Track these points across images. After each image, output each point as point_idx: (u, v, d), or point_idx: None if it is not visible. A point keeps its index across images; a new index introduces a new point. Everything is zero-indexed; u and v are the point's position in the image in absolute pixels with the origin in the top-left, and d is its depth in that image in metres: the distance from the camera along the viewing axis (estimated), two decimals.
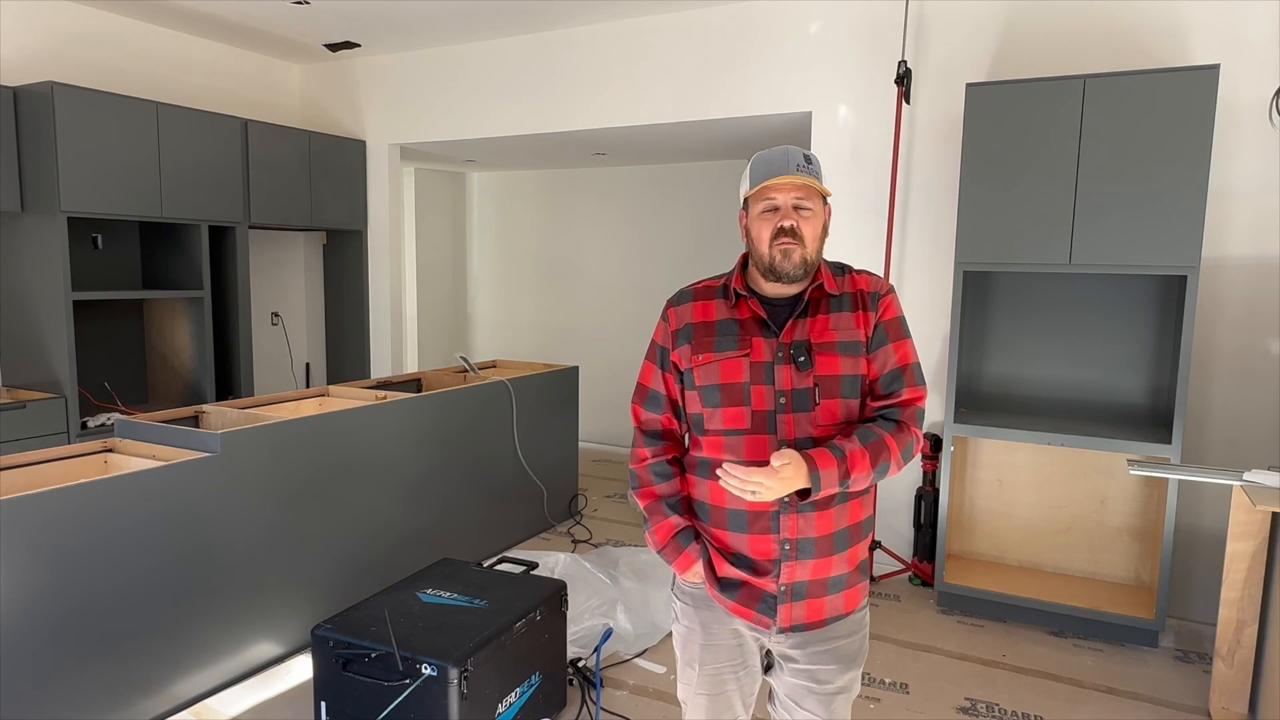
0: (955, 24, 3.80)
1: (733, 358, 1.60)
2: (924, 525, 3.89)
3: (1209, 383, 3.46)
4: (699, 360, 1.63)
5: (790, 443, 1.55)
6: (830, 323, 1.59)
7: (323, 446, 3.26)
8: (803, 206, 1.57)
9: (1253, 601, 2.74)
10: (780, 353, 1.57)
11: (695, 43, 4.41)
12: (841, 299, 1.62)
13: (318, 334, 5.98)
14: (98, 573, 2.48)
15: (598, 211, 6.72)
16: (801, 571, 1.59)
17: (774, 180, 1.56)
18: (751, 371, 1.58)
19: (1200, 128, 3.02)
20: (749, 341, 1.59)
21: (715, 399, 1.61)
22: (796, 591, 1.60)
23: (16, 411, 3.81)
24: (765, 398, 1.57)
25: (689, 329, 1.66)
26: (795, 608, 1.61)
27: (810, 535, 1.58)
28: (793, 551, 1.58)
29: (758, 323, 1.61)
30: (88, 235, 4.35)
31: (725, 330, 1.62)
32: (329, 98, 5.67)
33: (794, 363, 1.56)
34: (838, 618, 1.64)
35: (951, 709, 2.87)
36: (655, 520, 1.71)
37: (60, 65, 4.33)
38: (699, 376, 1.63)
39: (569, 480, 4.90)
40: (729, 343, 1.61)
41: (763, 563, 1.60)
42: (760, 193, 1.59)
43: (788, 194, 1.57)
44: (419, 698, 2.29)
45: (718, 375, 1.60)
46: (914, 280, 3.98)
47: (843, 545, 1.61)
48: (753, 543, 1.60)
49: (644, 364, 1.76)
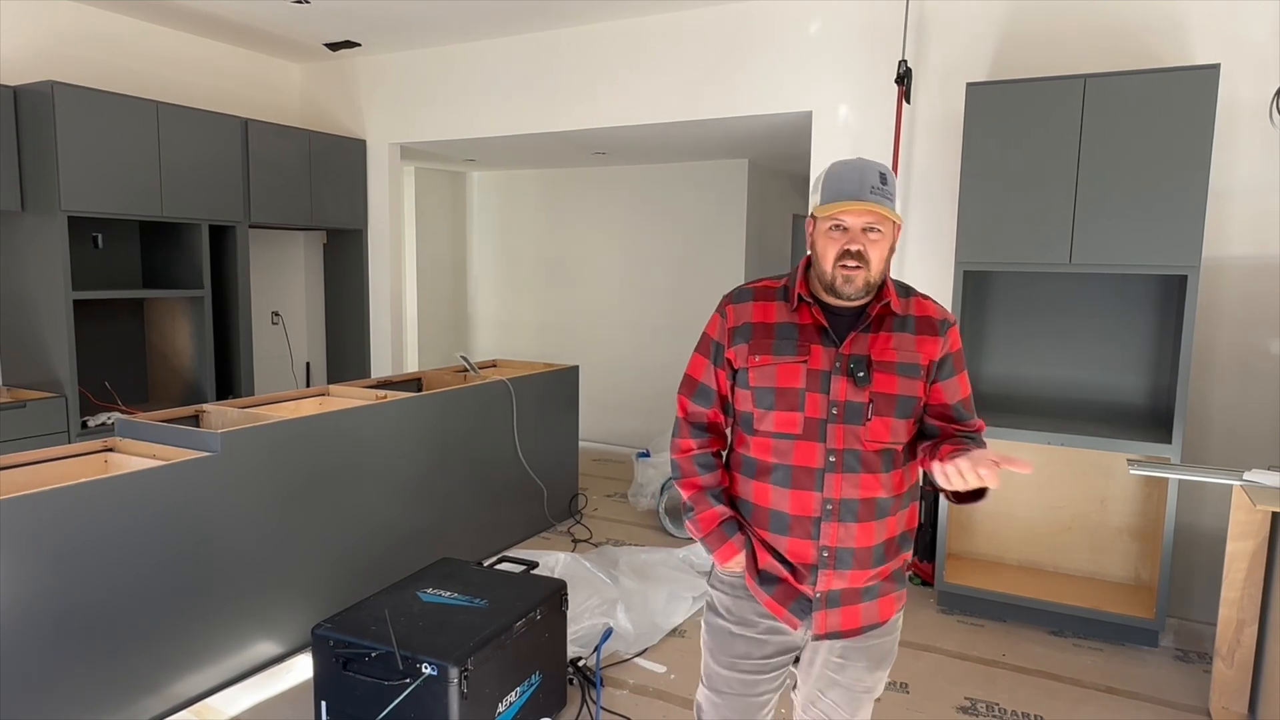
0: (955, 24, 3.80)
1: (791, 362, 1.59)
2: (924, 525, 3.89)
3: (1209, 382, 3.46)
4: (755, 361, 1.62)
5: (838, 451, 1.56)
6: (893, 341, 1.59)
7: (323, 446, 3.26)
8: (872, 229, 1.54)
9: (1253, 601, 2.74)
10: (838, 363, 1.57)
11: (696, 42, 4.41)
12: (906, 320, 1.62)
13: (318, 333, 5.98)
14: (98, 572, 2.48)
15: (598, 211, 6.72)
16: (838, 581, 1.60)
17: (846, 204, 1.53)
18: (808, 378, 1.58)
19: (1200, 127, 3.02)
20: (808, 348, 1.59)
21: (769, 401, 1.60)
22: (831, 599, 1.61)
23: (17, 411, 3.81)
24: (819, 406, 1.57)
25: (748, 328, 1.65)
26: (830, 615, 1.62)
27: (850, 545, 1.58)
28: (830, 560, 1.59)
29: (818, 330, 1.60)
30: (88, 234, 4.35)
31: (784, 334, 1.61)
32: (329, 97, 5.67)
33: (852, 376, 1.56)
34: (873, 626, 1.65)
35: (951, 708, 2.87)
36: (700, 509, 1.70)
37: (60, 64, 4.33)
38: (754, 377, 1.62)
39: (569, 480, 4.90)
40: (788, 347, 1.60)
41: (800, 567, 1.61)
42: (830, 212, 1.55)
43: (859, 217, 1.54)
44: (419, 697, 2.29)
45: (774, 378, 1.60)
46: (914, 280, 3.96)
47: (880, 560, 1.61)
48: (792, 546, 1.61)
49: (694, 356, 1.75)
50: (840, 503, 1.57)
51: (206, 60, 5.10)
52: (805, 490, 1.58)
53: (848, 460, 1.56)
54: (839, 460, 1.56)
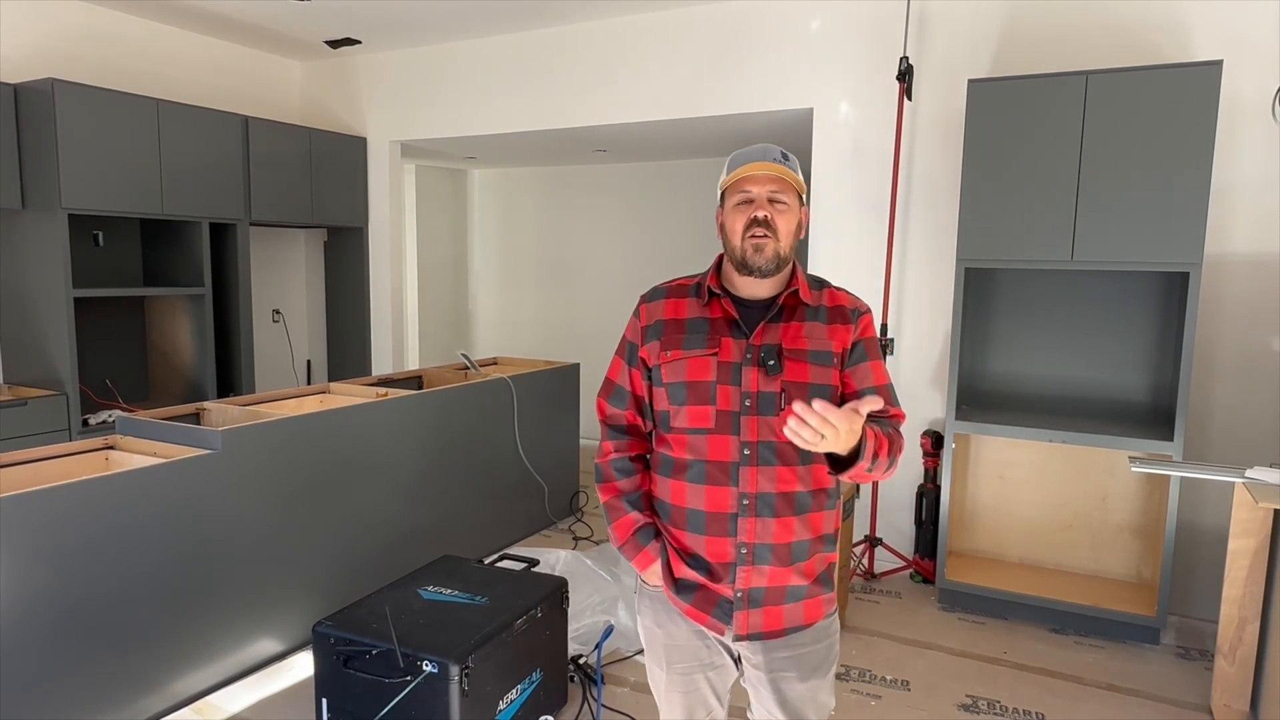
0: (957, 20, 3.79)
1: (700, 356, 1.58)
2: (925, 522, 3.89)
3: (1211, 380, 3.45)
4: (667, 357, 1.62)
5: (752, 444, 1.54)
6: (804, 330, 1.58)
7: (324, 444, 3.26)
8: (778, 200, 1.56)
9: (1254, 599, 2.74)
10: (749, 354, 1.56)
11: (697, 39, 4.40)
12: (818, 310, 1.61)
13: (319, 331, 5.98)
14: (99, 570, 2.49)
15: (599, 208, 6.71)
16: (758, 578, 1.57)
17: (751, 169, 1.55)
18: (719, 371, 1.57)
19: (1203, 124, 3.01)
20: (718, 341, 1.58)
21: (681, 396, 1.59)
22: (753, 598, 1.58)
23: (18, 409, 3.81)
24: (731, 398, 1.56)
25: (659, 325, 1.66)
26: (752, 615, 1.59)
27: (768, 541, 1.56)
28: (749, 556, 1.56)
29: (729, 323, 1.60)
30: (89, 232, 4.35)
31: (695, 328, 1.61)
32: (330, 95, 5.67)
33: (762, 366, 1.55)
34: (797, 628, 1.62)
35: (953, 706, 2.87)
36: (615, 516, 1.69)
37: (61, 62, 4.32)
38: (667, 373, 1.62)
39: (570, 477, 4.90)
40: (698, 341, 1.60)
41: (719, 566, 1.59)
42: (736, 185, 1.58)
43: (763, 185, 1.56)
44: (420, 695, 2.29)
45: (685, 373, 1.59)
46: (915, 277, 3.98)
47: (801, 556, 1.59)
48: (710, 544, 1.59)
49: (613, 359, 1.75)
50: (756, 497, 1.55)
51: (207, 58, 5.09)
52: (720, 486, 1.56)
53: (762, 453, 1.54)
54: (753, 453, 1.55)
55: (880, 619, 3.53)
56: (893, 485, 4.03)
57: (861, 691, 2.95)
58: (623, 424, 1.72)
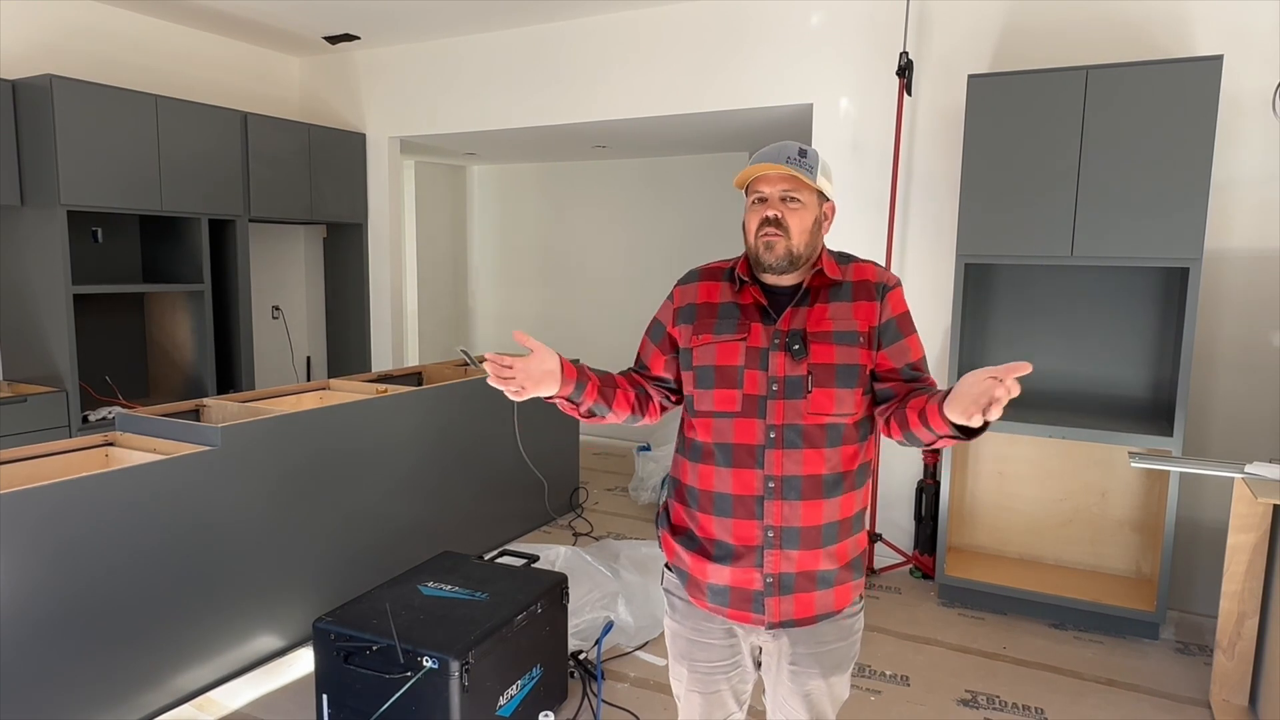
0: (957, 15, 3.78)
1: (729, 341, 1.61)
2: (925, 518, 3.89)
3: (1210, 375, 3.45)
4: (698, 340, 1.65)
5: (778, 428, 1.56)
6: (828, 312, 1.60)
7: (323, 440, 3.26)
8: (790, 198, 1.58)
9: (1254, 594, 2.74)
10: (776, 339, 1.58)
11: (696, 35, 4.40)
12: (842, 287, 1.62)
13: (318, 327, 5.97)
14: (99, 566, 2.49)
15: (598, 204, 6.71)
16: (786, 563, 1.58)
17: (760, 171, 1.58)
18: (747, 356, 1.59)
19: (1203, 119, 3.01)
20: (747, 326, 1.61)
21: (709, 380, 1.62)
22: (784, 584, 1.59)
23: (17, 405, 3.81)
24: (758, 382, 1.58)
25: (692, 309, 1.69)
26: (784, 602, 1.60)
27: (795, 524, 1.57)
28: (776, 540, 1.57)
29: (758, 309, 1.62)
30: (88, 229, 4.34)
31: (726, 314, 1.64)
32: (329, 90, 5.66)
33: (789, 350, 1.57)
34: (828, 614, 1.63)
35: (952, 701, 2.88)
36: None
37: (59, 58, 4.31)
38: (696, 357, 1.64)
39: (570, 473, 4.90)
40: (728, 326, 1.62)
41: (745, 550, 1.59)
42: (751, 186, 1.62)
43: (775, 185, 1.58)
44: (420, 690, 2.29)
45: (714, 357, 1.62)
46: (915, 272, 3.98)
47: (830, 539, 1.59)
48: (736, 527, 1.60)
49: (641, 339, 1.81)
50: (782, 480, 1.56)
51: (205, 54, 5.08)
52: (746, 469, 1.58)
53: (788, 436, 1.56)
54: (779, 436, 1.56)
55: (880, 614, 3.53)
56: (892, 481, 4.03)
57: (861, 687, 2.95)
58: (628, 369, 1.81)
